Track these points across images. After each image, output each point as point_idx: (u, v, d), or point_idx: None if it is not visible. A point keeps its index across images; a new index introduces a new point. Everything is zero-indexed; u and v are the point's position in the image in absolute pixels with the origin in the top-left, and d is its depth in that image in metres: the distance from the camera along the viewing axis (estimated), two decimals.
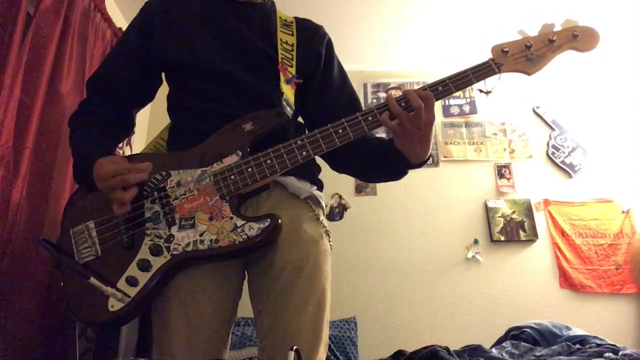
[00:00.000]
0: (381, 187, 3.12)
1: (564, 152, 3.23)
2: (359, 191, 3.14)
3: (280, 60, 1.05)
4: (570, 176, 3.19)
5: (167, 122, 1.13)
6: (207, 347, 0.90)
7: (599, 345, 1.97)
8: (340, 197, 3.11)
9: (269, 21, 1.11)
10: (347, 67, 1.21)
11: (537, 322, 2.34)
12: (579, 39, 1.02)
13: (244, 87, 1.02)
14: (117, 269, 0.88)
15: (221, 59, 1.02)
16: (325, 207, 1.09)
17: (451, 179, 3.18)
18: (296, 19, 1.17)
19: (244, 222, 0.88)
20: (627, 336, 2.75)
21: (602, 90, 3.38)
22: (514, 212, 3.06)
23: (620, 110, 3.33)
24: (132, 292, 0.85)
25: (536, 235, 3.01)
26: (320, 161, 1.10)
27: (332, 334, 2.54)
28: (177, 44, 1.03)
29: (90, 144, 0.98)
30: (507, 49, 1.01)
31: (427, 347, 1.96)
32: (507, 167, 3.20)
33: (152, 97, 1.17)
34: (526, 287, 2.91)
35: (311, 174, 1.07)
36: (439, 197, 3.14)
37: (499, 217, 3.05)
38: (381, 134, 2.52)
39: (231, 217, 0.88)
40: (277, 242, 0.93)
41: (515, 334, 2.30)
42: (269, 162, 0.92)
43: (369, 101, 3.36)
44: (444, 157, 3.24)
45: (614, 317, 2.84)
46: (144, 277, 0.86)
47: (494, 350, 2.13)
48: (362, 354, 2.63)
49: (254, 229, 0.87)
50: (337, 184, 3.06)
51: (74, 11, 1.95)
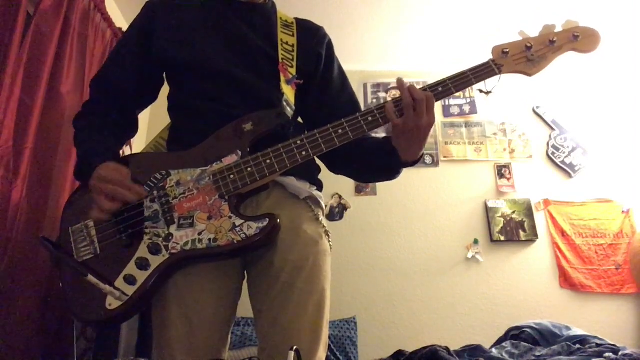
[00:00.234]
0: (381, 187, 3.12)
1: (564, 152, 3.23)
2: (359, 191, 3.14)
3: (280, 60, 1.05)
4: (570, 176, 3.19)
5: (167, 122, 1.13)
6: (207, 347, 0.90)
7: (599, 345, 1.97)
8: (340, 197, 3.11)
9: (270, 22, 1.11)
10: (347, 67, 1.21)
11: (537, 322, 2.34)
12: (579, 40, 1.02)
13: (245, 87, 1.02)
14: (116, 268, 0.88)
15: (222, 59, 1.02)
16: (325, 207, 1.09)
17: (451, 179, 3.18)
18: (297, 19, 1.17)
19: (243, 221, 0.88)
20: (627, 336, 2.75)
21: (602, 90, 3.37)
22: (514, 212, 3.06)
23: (620, 110, 3.33)
24: (130, 290, 0.85)
25: (536, 235, 3.01)
26: (318, 161, 1.11)
27: (332, 334, 2.54)
28: (177, 44, 1.03)
29: (94, 144, 0.99)
30: (507, 50, 1.01)
31: (427, 347, 1.96)
32: (507, 167, 3.20)
33: (154, 97, 1.17)
34: (526, 287, 2.91)
35: (311, 174, 1.07)
36: (439, 197, 3.14)
37: (499, 217, 3.05)
38: (381, 134, 2.52)
39: (230, 217, 0.88)
40: (276, 242, 0.93)
41: (515, 334, 2.29)
42: (268, 162, 0.92)
43: (369, 101, 3.36)
44: (444, 157, 3.24)
45: (614, 317, 2.84)
46: (142, 276, 0.86)
47: (494, 350, 2.13)
48: (362, 354, 2.63)
49: (252, 229, 0.87)
50: (337, 184, 3.06)
51: (74, 11, 1.95)
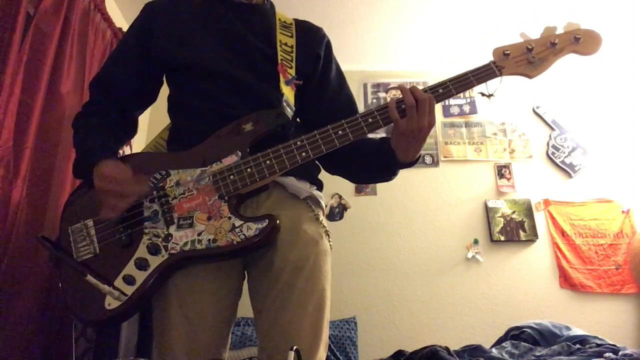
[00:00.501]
0: (381, 187, 3.12)
1: (564, 152, 3.23)
2: (359, 191, 3.14)
3: (279, 61, 1.05)
4: (570, 176, 3.18)
5: (167, 122, 1.13)
6: (207, 347, 0.90)
7: (599, 345, 1.97)
8: (340, 197, 3.11)
9: (268, 23, 1.11)
10: (347, 67, 1.20)
11: (537, 322, 2.34)
12: (581, 42, 1.01)
13: (244, 87, 1.02)
14: (115, 267, 0.88)
15: (221, 59, 1.02)
16: (325, 207, 1.09)
17: (451, 179, 3.18)
18: (296, 20, 1.17)
19: (242, 222, 0.88)
20: (627, 336, 2.74)
21: (602, 90, 3.37)
22: (514, 212, 3.06)
23: (620, 110, 3.32)
24: (129, 290, 0.85)
25: (536, 235, 3.01)
26: None
27: (332, 334, 2.54)
28: (177, 45, 1.03)
29: (93, 143, 0.99)
30: (508, 52, 1.01)
31: (427, 347, 1.96)
32: (507, 167, 3.20)
33: (154, 98, 1.17)
34: (526, 287, 2.91)
35: (311, 174, 1.07)
36: (439, 197, 3.13)
37: (499, 217, 3.05)
38: (380, 134, 2.51)
39: (229, 217, 0.88)
40: (276, 243, 0.93)
41: (515, 334, 2.29)
42: (268, 162, 0.92)
43: (369, 101, 3.35)
44: (444, 157, 3.24)
45: (614, 317, 2.84)
46: (141, 276, 0.86)
47: (494, 350, 2.13)
48: (362, 354, 2.62)
49: (252, 230, 0.87)
50: (337, 184, 3.03)
51: (74, 11, 1.95)
